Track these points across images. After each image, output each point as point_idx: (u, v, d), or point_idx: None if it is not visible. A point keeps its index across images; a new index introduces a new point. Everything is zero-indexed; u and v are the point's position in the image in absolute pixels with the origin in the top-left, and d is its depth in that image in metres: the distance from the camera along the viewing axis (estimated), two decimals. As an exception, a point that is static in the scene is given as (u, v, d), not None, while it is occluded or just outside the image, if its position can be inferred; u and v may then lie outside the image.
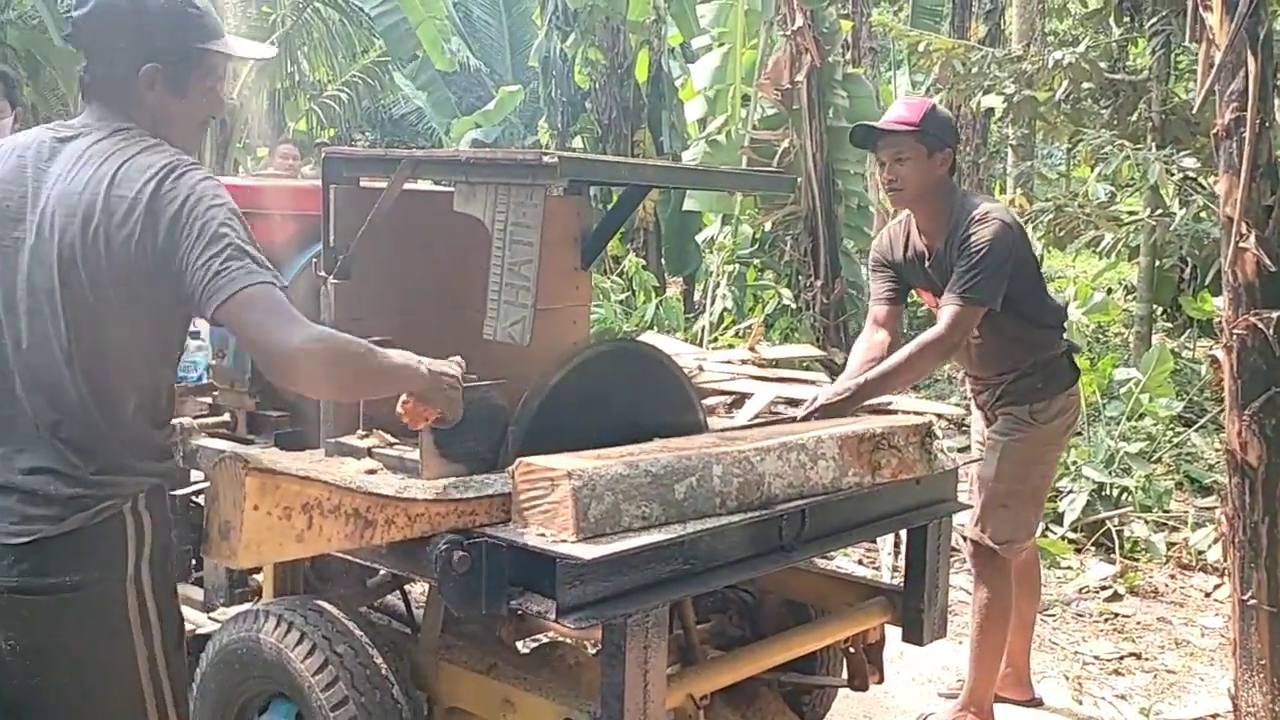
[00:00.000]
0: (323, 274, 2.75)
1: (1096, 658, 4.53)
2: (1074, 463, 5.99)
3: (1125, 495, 5.90)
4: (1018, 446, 3.55)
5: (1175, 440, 6.79)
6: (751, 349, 4.52)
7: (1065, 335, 3.71)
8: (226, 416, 3.07)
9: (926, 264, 3.55)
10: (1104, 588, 5.21)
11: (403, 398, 2.31)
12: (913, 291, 3.75)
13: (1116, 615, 4.95)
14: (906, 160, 3.42)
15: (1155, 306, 9.51)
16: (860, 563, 5.44)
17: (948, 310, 3.32)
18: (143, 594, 1.96)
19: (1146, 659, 4.53)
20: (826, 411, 3.13)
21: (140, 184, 1.89)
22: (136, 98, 2.02)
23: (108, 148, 1.95)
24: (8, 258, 1.95)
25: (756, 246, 9.98)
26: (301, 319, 1.92)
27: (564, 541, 2.17)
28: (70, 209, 1.90)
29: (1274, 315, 3.38)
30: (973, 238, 3.33)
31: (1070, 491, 5.84)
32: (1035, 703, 3.98)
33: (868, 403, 3.27)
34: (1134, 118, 8.12)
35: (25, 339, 1.93)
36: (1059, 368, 3.61)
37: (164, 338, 2.03)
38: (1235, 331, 3.45)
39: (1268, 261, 3.37)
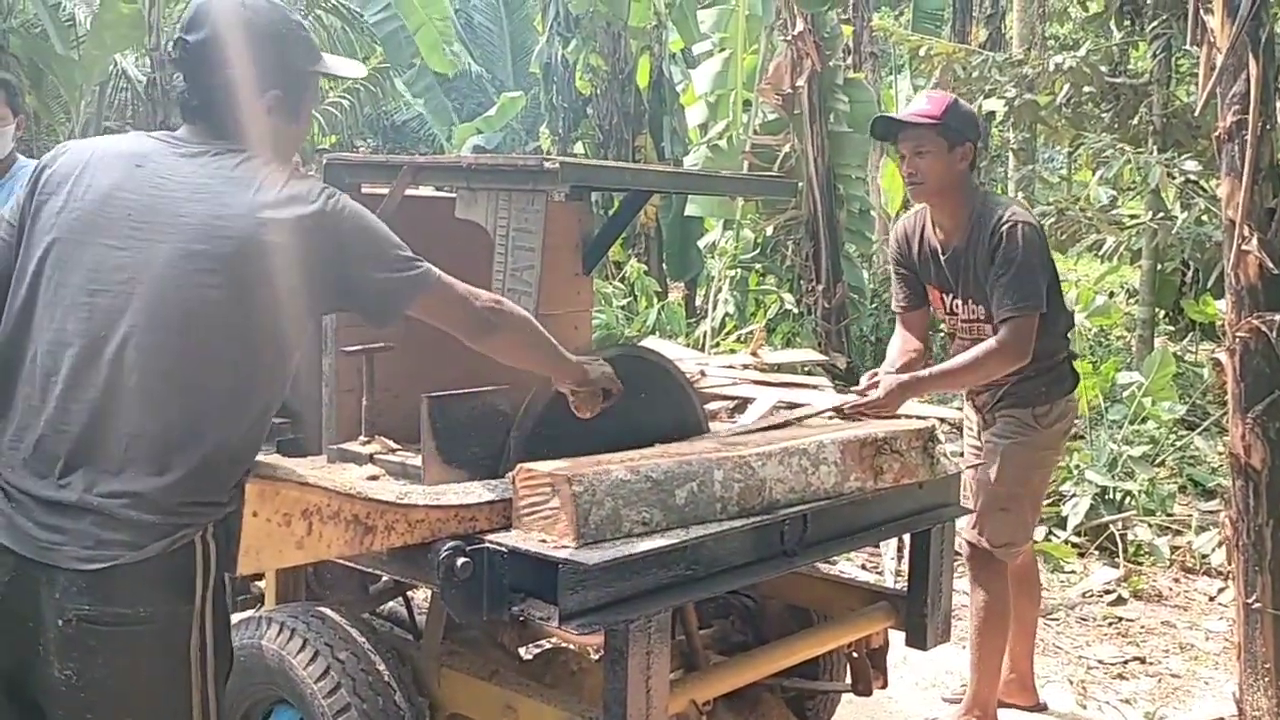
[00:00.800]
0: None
1: (1100, 662, 4.52)
2: (1077, 466, 5.99)
3: (1128, 499, 5.89)
4: (1019, 450, 3.54)
5: (1178, 444, 6.78)
6: (753, 354, 4.51)
7: (1069, 343, 3.72)
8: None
9: (942, 259, 3.55)
10: (1108, 592, 5.20)
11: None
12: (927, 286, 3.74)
13: (1120, 619, 4.94)
14: (927, 153, 3.43)
15: (1157, 310, 9.51)
16: (863, 567, 5.43)
17: (1006, 326, 3.34)
18: (204, 627, 1.92)
19: (1151, 663, 4.52)
20: (897, 392, 3.14)
21: (300, 209, 1.92)
22: (253, 122, 2.02)
23: (249, 172, 1.95)
24: (124, 268, 1.88)
25: (758, 251, 9.98)
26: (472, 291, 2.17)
27: (565, 547, 2.17)
28: (219, 232, 1.88)
29: (1277, 318, 3.37)
30: (1006, 247, 3.34)
31: (1073, 495, 5.84)
32: (1040, 707, 3.97)
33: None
34: (1135, 121, 8.12)
35: (133, 356, 1.85)
36: (1062, 373, 3.61)
37: (289, 358, 2.01)
38: (1238, 335, 3.45)
39: (1270, 264, 3.37)
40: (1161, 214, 7.92)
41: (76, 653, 1.82)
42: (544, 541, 2.21)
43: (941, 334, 5.37)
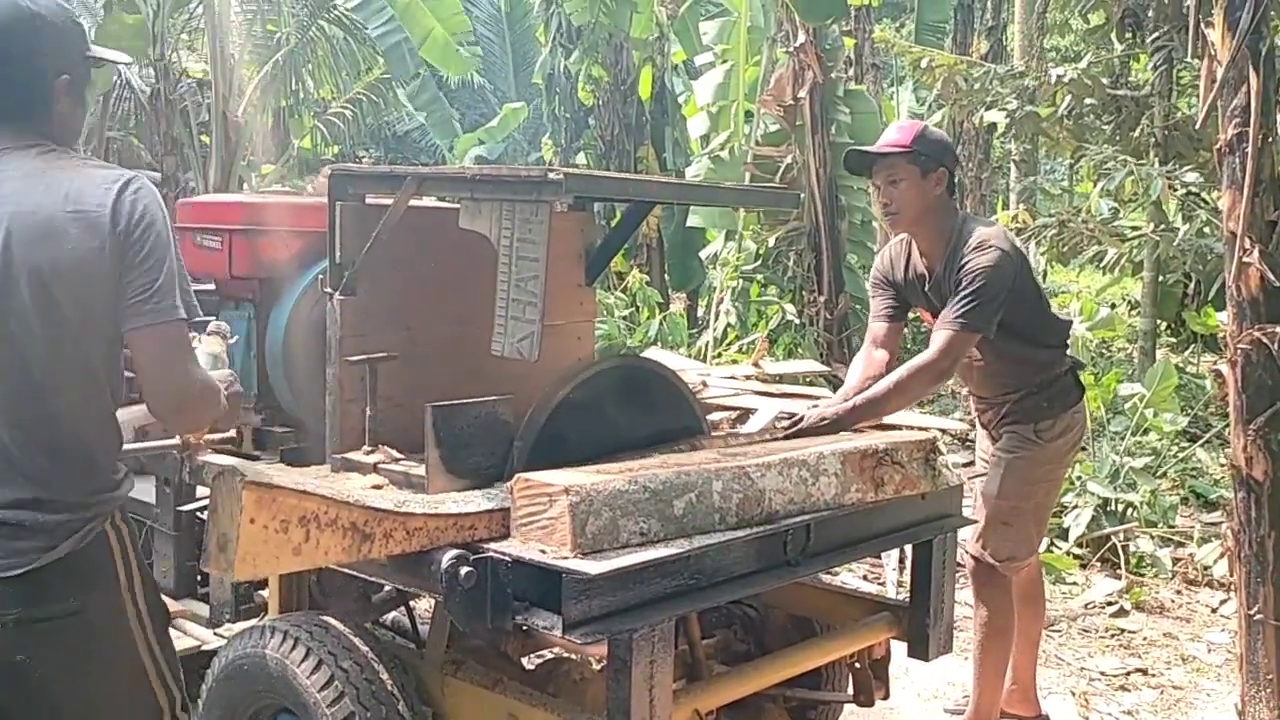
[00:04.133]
0: (329, 290, 2.76)
1: (1103, 674, 4.51)
2: (1079, 478, 5.98)
3: (1130, 511, 5.89)
4: (1022, 464, 3.54)
5: (1180, 455, 6.78)
6: (755, 364, 4.53)
7: (1069, 352, 3.70)
8: (232, 433, 3.08)
9: (926, 287, 3.54)
10: (1110, 603, 5.19)
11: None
12: (914, 309, 3.74)
13: (1122, 631, 4.94)
14: (901, 182, 3.42)
15: (1159, 322, 9.52)
16: (865, 578, 5.43)
17: (940, 335, 3.30)
18: (136, 599, 2.06)
19: (1153, 675, 4.52)
20: (806, 433, 3.08)
21: (99, 198, 1.92)
22: (46, 111, 2.05)
23: (46, 164, 1.97)
24: None
25: (760, 262, 10.00)
26: (197, 361, 2.09)
27: (564, 557, 2.17)
28: (30, 230, 1.89)
29: (1278, 330, 3.38)
30: (969, 264, 3.31)
31: (1075, 507, 5.83)
32: (1042, 719, 3.96)
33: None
34: (1136, 133, 8.14)
35: None
36: (1064, 386, 3.59)
37: (117, 351, 2.03)
38: (1240, 346, 3.45)
39: (1271, 276, 3.37)
40: (1163, 226, 7.93)
41: (22, 650, 1.94)
42: (543, 551, 2.21)
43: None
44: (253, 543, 1.99)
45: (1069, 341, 3.74)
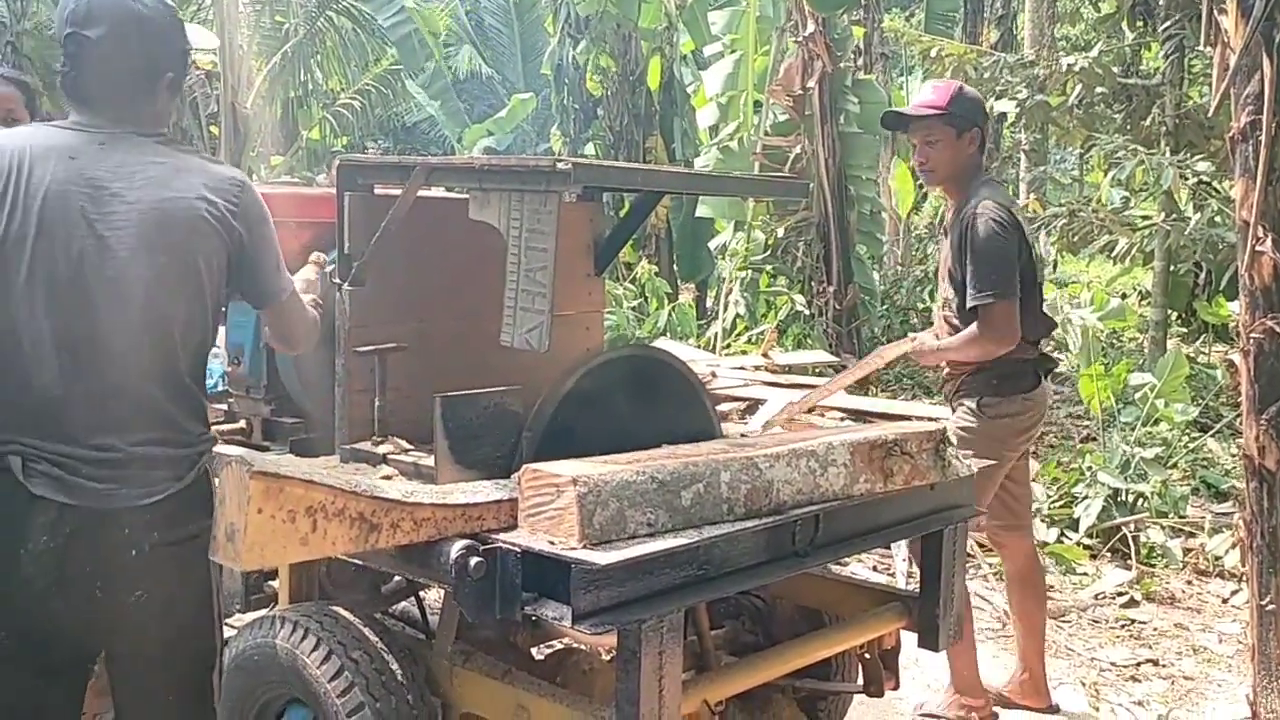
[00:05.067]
0: (338, 281, 2.76)
1: (1113, 664, 4.50)
2: (1089, 468, 5.97)
3: (1141, 501, 5.87)
4: (964, 436, 3.60)
5: (1191, 446, 6.75)
6: (765, 355, 4.52)
7: (1040, 349, 3.75)
8: (242, 423, 3.09)
9: (944, 241, 3.71)
10: (1120, 594, 5.18)
11: None
12: None
13: (1133, 621, 4.93)
14: (937, 143, 3.58)
15: (1170, 311, 9.48)
16: (875, 569, 5.42)
17: (979, 314, 3.46)
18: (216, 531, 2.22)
19: (1164, 665, 4.51)
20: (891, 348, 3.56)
21: (229, 194, 2.22)
22: (152, 103, 2.26)
23: (171, 153, 2.22)
24: (86, 256, 2.09)
25: (769, 252, 9.98)
26: (307, 310, 2.50)
27: (572, 548, 2.17)
28: (174, 210, 2.14)
29: (1291, 319, 3.36)
30: (969, 236, 3.45)
31: (1086, 497, 5.82)
32: (1052, 709, 3.96)
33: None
34: (1147, 122, 8.10)
35: (119, 325, 2.11)
36: (1020, 371, 3.65)
37: (215, 319, 2.31)
38: (1252, 336, 3.43)
39: (1284, 265, 3.35)
40: (1174, 215, 7.90)
41: (149, 576, 2.13)
42: (552, 542, 2.21)
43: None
44: (260, 533, 2.00)
45: (1043, 341, 3.80)
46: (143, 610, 2.15)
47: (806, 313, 9.31)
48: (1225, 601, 5.16)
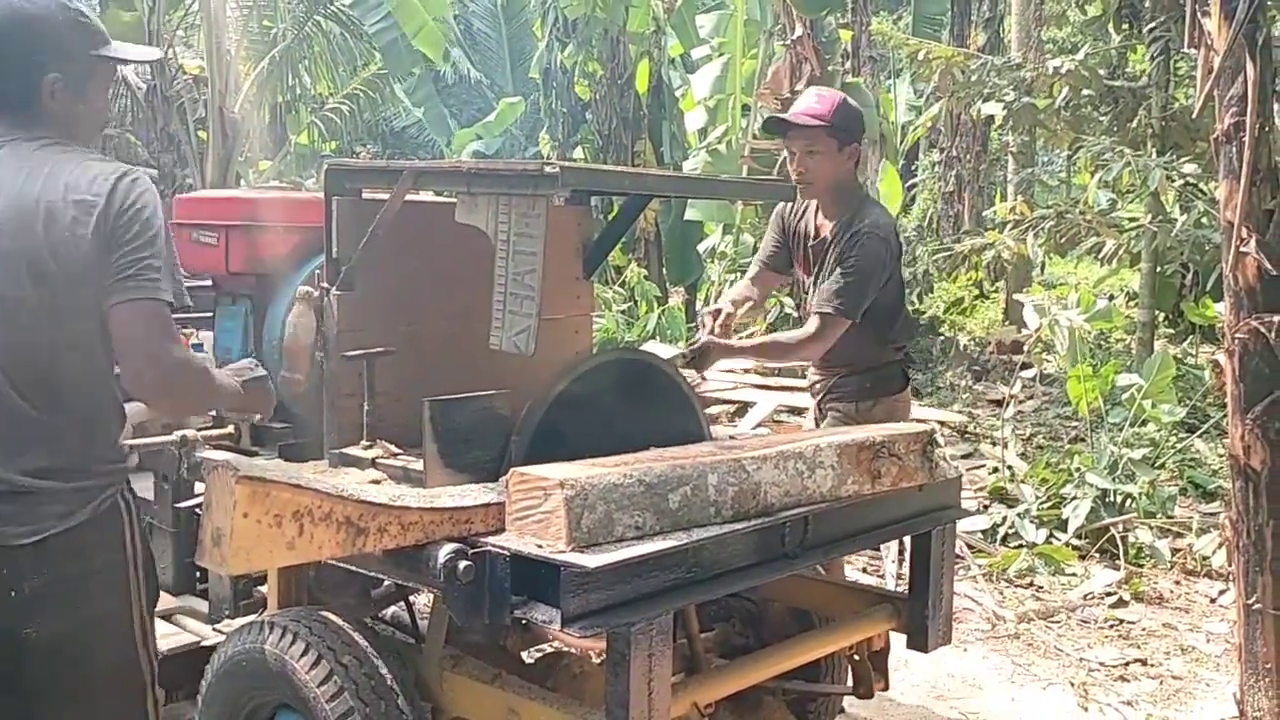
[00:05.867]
0: (326, 285, 2.76)
1: (1102, 664, 4.52)
2: (1077, 469, 5.99)
3: (1129, 501, 5.90)
4: None
5: (1178, 446, 6.78)
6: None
7: (905, 351, 3.78)
8: (230, 429, 3.08)
9: (810, 244, 3.67)
10: (1109, 594, 5.20)
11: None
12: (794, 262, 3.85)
13: (1122, 622, 4.95)
14: (818, 154, 3.52)
15: (1157, 312, 9.51)
16: (864, 570, 5.43)
17: (816, 319, 3.47)
18: (136, 567, 2.16)
19: (1152, 665, 4.53)
20: (715, 352, 3.34)
21: (97, 187, 2.02)
22: (40, 108, 2.13)
23: (47, 156, 2.06)
24: None
25: (758, 255, 9.98)
26: (180, 340, 2.12)
27: (560, 551, 2.17)
28: (29, 218, 1.99)
29: (1276, 319, 3.37)
30: (857, 249, 3.44)
31: (1074, 498, 5.84)
32: None
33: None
34: (1134, 124, 8.13)
35: (6, 345, 2.00)
36: (889, 374, 3.69)
37: (103, 331, 2.08)
38: (1237, 336, 3.45)
39: (1269, 266, 3.37)
40: (1161, 217, 7.93)
41: (33, 620, 2.03)
42: (539, 546, 2.21)
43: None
44: (247, 537, 2.00)
45: (909, 343, 3.85)
46: (40, 647, 2.05)
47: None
48: (1213, 601, 5.19)
